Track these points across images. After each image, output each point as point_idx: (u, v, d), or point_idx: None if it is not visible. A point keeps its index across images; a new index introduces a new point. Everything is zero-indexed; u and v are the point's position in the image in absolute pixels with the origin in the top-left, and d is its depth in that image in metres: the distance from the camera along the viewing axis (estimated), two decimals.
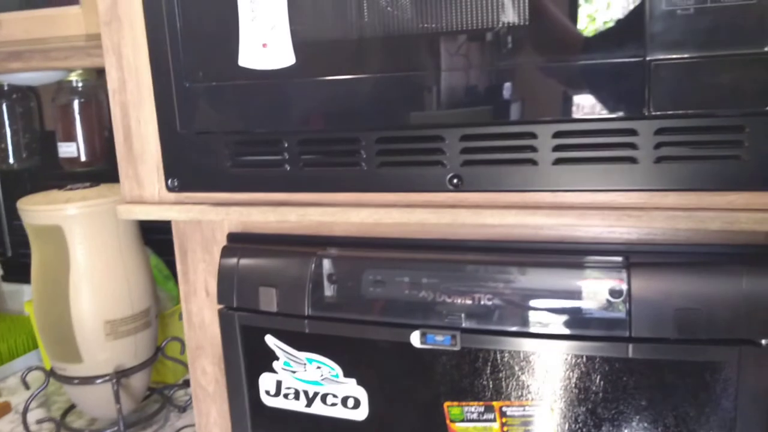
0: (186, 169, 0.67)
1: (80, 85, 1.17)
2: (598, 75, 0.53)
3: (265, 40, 0.59)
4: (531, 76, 0.55)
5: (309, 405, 0.70)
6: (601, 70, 0.52)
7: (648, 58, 0.51)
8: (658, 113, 0.52)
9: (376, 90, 0.59)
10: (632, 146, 0.53)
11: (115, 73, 0.68)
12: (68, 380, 1.05)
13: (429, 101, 0.58)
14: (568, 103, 0.54)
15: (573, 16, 0.52)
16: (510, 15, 0.53)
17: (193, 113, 0.65)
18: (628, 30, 0.51)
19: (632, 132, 0.53)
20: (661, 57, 0.51)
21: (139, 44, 0.66)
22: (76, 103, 1.17)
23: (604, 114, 0.53)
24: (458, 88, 0.57)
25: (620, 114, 0.53)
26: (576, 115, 0.54)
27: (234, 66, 0.61)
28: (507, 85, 0.55)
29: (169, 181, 0.68)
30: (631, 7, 0.51)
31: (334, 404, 0.68)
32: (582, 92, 0.54)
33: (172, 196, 0.69)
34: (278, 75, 0.61)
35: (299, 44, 0.60)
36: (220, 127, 0.65)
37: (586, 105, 0.54)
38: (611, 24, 0.51)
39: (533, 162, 0.56)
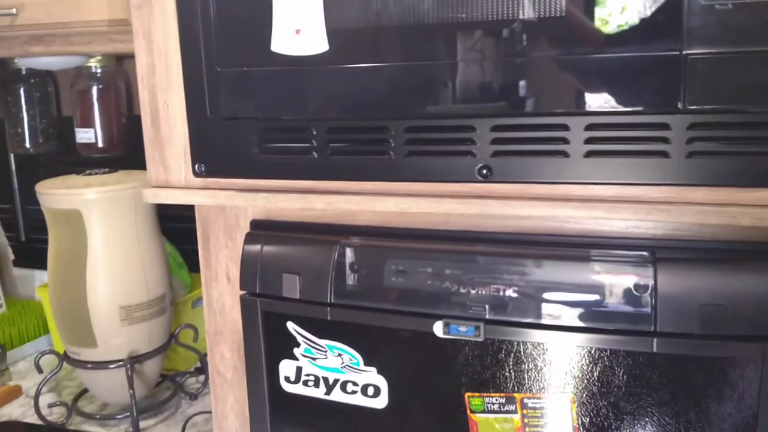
0: (213, 155, 0.68)
1: (99, 71, 1.18)
2: (634, 68, 0.53)
3: (298, 26, 0.60)
4: (565, 67, 0.55)
5: (328, 392, 0.70)
6: (636, 63, 0.53)
7: (685, 52, 0.51)
8: (693, 108, 0.52)
9: (407, 79, 0.59)
10: (664, 140, 0.53)
11: (145, 57, 0.68)
12: (82, 364, 1.05)
13: (461, 91, 0.58)
14: (601, 96, 0.54)
15: (612, 10, 0.52)
16: (547, 6, 0.53)
17: (223, 98, 0.65)
18: (666, 24, 0.51)
19: (665, 126, 0.53)
20: (698, 51, 0.51)
21: (169, 28, 0.66)
22: (94, 90, 1.17)
23: (638, 107, 0.54)
24: (491, 79, 0.57)
25: (654, 108, 0.53)
26: (609, 107, 0.54)
27: (266, 52, 0.62)
28: (541, 76, 0.56)
29: (196, 166, 0.68)
30: (669, 1, 0.51)
31: (353, 392, 0.69)
32: (616, 85, 0.54)
33: (199, 181, 0.69)
34: (310, 62, 0.61)
35: (332, 31, 0.60)
36: (250, 113, 0.65)
37: (619, 98, 0.54)
38: (648, 17, 0.52)
39: (564, 154, 0.56)
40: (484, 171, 0.59)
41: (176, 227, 1.19)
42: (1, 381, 1.23)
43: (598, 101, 0.54)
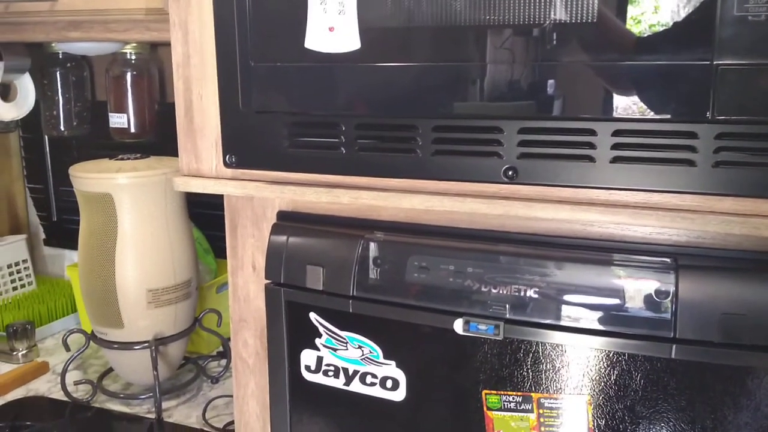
0: (244, 147, 0.69)
1: (134, 58, 1.20)
2: (663, 76, 0.53)
3: (332, 24, 0.60)
4: (595, 73, 0.55)
5: (348, 383, 0.71)
6: (666, 71, 0.53)
7: (715, 62, 0.51)
8: (721, 118, 0.52)
9: (436, 78, 0.60)
10: (691, 149, 0.54)
11: (180, 48, 0.70)
12: (108, 344, 1.08)
13: (489, 92, 0.59)
14: (629, 102, 0.55)
15: (642, 17, 0.52)
16: (579, 11, 0.54)
17: (256, 92, 0.66)
18: (697, 33, 0.51)
19: (692, 135, 0.53)
20: (729, 62, 0.51)
21: (205, 21, 0.68)
22: (128, 76, 1.20)
23: (666, 115, 0.54)
24: (520, 81, 0.57)
25: (682, 116, 0.53)
26: (637, 114, 0.55)
27: (300, 48, 0.63)
28: (570, 80, 0.56)
29: (227, 157, 0.70)
30: (702, 11, 0.51)
31: (372, 384, 0.70)
32: (645, 92, 0.54)
33: (229, 171, 0.71)
34: (341, 59, 0.62)
35: (364, 30, 0.61)
36: (281, 107, 0.66)
37: (648, 105, 0.54)
38: (680, 26, 0.52)
39: (591, 159, 0.56)
40: (510, 172, 0.59)
41: (204, 213, 1.21)
42: (29, 357, 1.27)
43: (627, 108, 0.55)
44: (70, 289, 1.44)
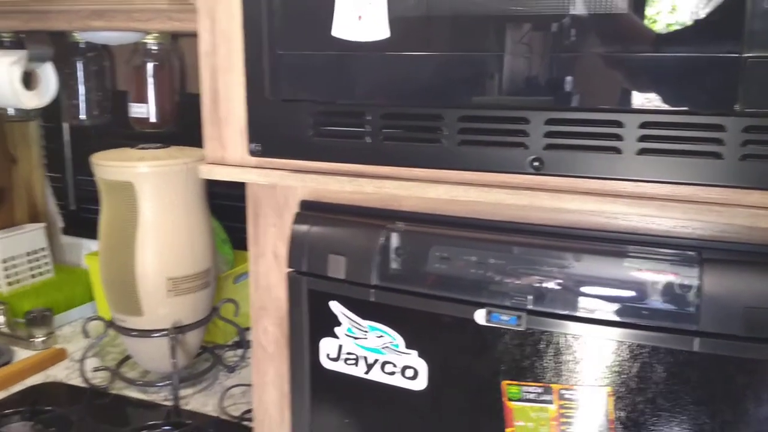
0: (269, 135, 0.70)
1: (155, 48, 1.20)
2: (691, 68, 0.53)
3: (360, 13, 0.61)
4: (623, 64, 0.55)
5: (368, 371, 0.72)
6: (695, 63, 0.53)
7: (745, 55, 0.51)
8: (750, 111, 0.52)
9: (463, 68, 0.60)
10: (718, 142, 0.54)
11: (208, 36, 0.70)
12: (127, 332, 1.09)
13: (516, 83, 0.59)
14: (657, 94, 0.55)
15: (672, 9, 0.53)
16: (608, 3, 0.54)
17: (282, 81, 0.67)
18: (727, 26, 0.51)
19: (720, 128, 0.53)
20: (758, 54, 0.51)
21: (233, 10, 0.68)
22: (150, 66, 1.20)
23: (694, 108, 0.54)
24: (547, 72, 0.58)
25: (710, 109, 0.53)
26: (664, 106, 0.55)
27: (327, 36, 0.63)
28: (597, 72, 0.56)
29: (252, 146, 0.70)
30: (732, 3, 0.51)
31: (392, 373, 0.70)
32: (673, 84, 0.54)
33: (254, 160, 0.71)
34: (369, 48, 0.62)
35: (393, 18, 0.61)
36: (307, 96, 0.67)
37: (675, 97, 0.54)
38: (709, 19, 0.52)
39: (617, 150, 0.57)
40: (536, 163, 0.60)
41: (222, 204, 1.22)
42: (48, 344, 1.28)
43: (654, 100, 0.55)
44: (88, 277, 1.45)
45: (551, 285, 0.62)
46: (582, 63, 0.57)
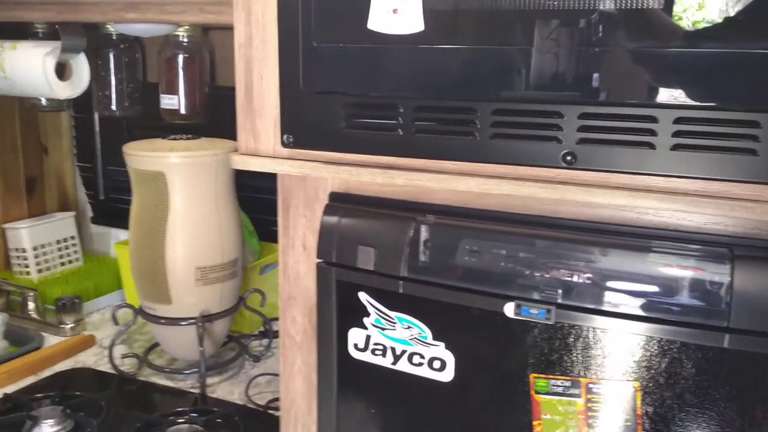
0: (302, 127, 0.70)
1: (186, 40, 1.22)
2: (727, 64, 0.53)
3: (396, 6, 0.61)
4: (659, 59, 0.55)
5: (395, 362, 0.72)
6: (731, 59, 0.53)
7: None
8: None
9: (497, 62, 0.61)
10: (753, 138, 0.54)
11: (243, 28, 0.71)
12: (155, 319, 1.11)
13: (550, 77, 0.59)
14: (692, 90, 0.55)
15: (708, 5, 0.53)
16: None
17: (317, 73, 0.68)
18: (764, 21, 0.51)
19: (756, 124, 0.53)
20: None
21: (268, 2, 0.69)
22: (180, 58, 1.22)
23: (729, 104, 0.54)
24: (582, 66, 0.58)
25: (745, 105, 0.53)
26: (699, 102, 0.55)
27: (362, 29, 0.64)
28: (633, 66, 0.56)
29: (285, 137, 0.71)
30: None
31: (420, 364, 0.71)
32: (708, 80, 0.54)
33: (286, 151, 0.72)
34: (403, 41, 0.63)
35: (427, 11, 0.61)
36: (341, 88, 0.67)
37: (710, 93, 0.54)
38: (746, 14, 0.52)
39: (651, 146, 0.57)
40: (569, 157, 0.60)
41: (249, 196, 1.23)
42: (77, 330, 1.31)
43: (689, 95, 0.55)
44: (116, 266, 1.47)
45: (581, 279, 0.62)
46: (616, 58, 0.57)
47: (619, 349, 0.62)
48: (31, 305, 1.35)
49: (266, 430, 0.97)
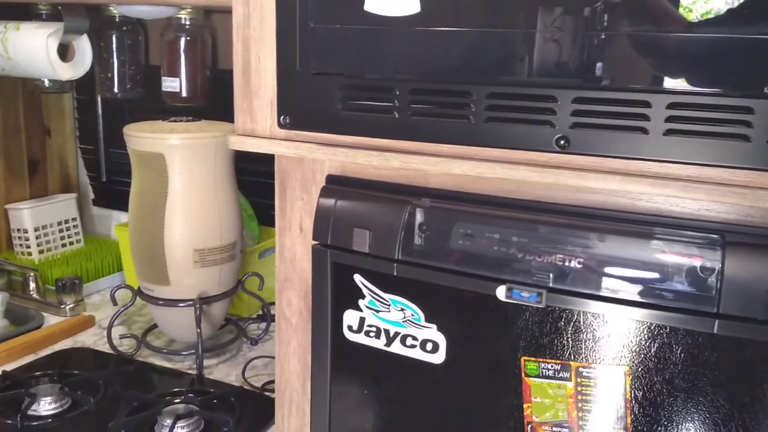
0: (299, 108, 0.71)
1: (188, 23, 1.22)
2: (722, 50, 0.53)
3: None
4: (653, 44, 0.55)
5: (388, 344, 0.73)
6: (725, 45, 0.53)
7: None
8: None
9: (492, 45, 0.61)
10: (747, 124, 0.54)
11: (241, 8, 0.71)
12: (154, 300, 1.12)
13: (545, 61, 0.59)
14: (686, 75, 0.55)
15: None
16: None
17: (313, 54, 0.68)
18: (758, 7, 0.51)
19: (749, 110, 0.53)
20: None
21: None
22: (182, 41, 1.22)
23: (722, 89, 0.54)
24: (576, 50, 0.58)
25: (739, 91, 0.53)
26: (693, 88, 0.55)
27: (359, 10, 0.64)
28: (627, 51, 0.56)
29: (282, 118, 0.72)
30: None
31: (412, 346, 0.72)
32: (702, 66, 0.54)
33: (282, 132, 0.73)
34: (400, 22, 0.63)
35: None
36: (337, 69, 0.68)
37: (704, 79, 0.54)
38: (743, 1, 0.52)
39: (644, 130, 0.57)
40: (562, 141, 0.60)
41: (250, 180, 1.24)
42: (77, 310, 1.32)
43: (683, 80, 0.55)
44: (117, 248, 1.48)
45: (572, 264, 0.63)
46: (611, 42, 0.57)
47: (609, 334, 0.62)
48: (31, 285, 1.36)
49: (262, 412, 0.98)
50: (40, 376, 1.07)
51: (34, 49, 1.15)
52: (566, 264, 0.63)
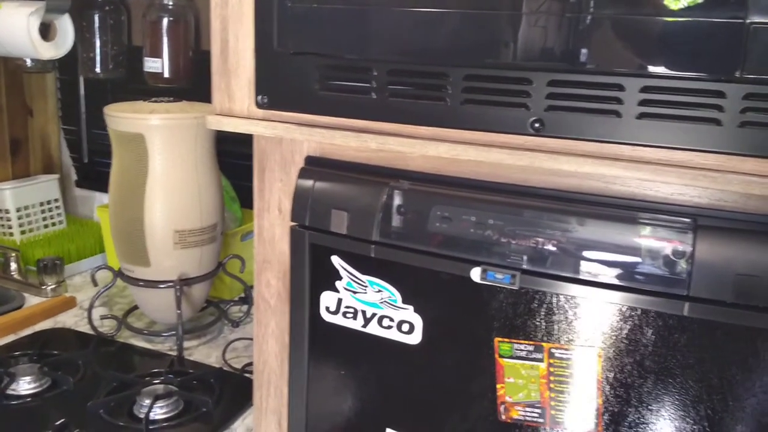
0: (276, 88, 0.70)
1: (171, 4, 1.21)
2: (695, 33, 0.53)
3: None
4: (626, 28, 0.56)
5: (365, 325, 0.73)
6: (698, 28, 0.53)
7: (748, 21, 0.51)
8: (751, 77, 0.52)
9: (470, 27, 0.61)
10: (718, 108, 0.54)
11: None
12: (134, 282, 1.11)
13: (521, 43, 0.59)
14: (659, 59, 0.55)
15: None
16: None
17: (291, 33, 0.68)
18: None
19: (721, 94, 0.54)
20: (762, 21, 0.51)
21: None
22: (165, 21, 1.21)
23: (695, 73, 0.54)
24: (552, 34, 0.58)
25: (711, 74, 0.54)
26: (665, 71, 0.55)
27: None
28: (601, 35, 0.57)
29: (259, 98, 0.71)
30: None
31: (389, 327, 0.72)
32: (675, 49, 0.54)
33: (260, 112, 0.72)
34: (378, 2, 0.63)
35: None
36: (315, 49, 0.67)
37: (677, 62, 0.55)
38: None
39: (617, 114, 0.57)
40: (537, 124, 0.60)
41: (233, 163, 1.23)
42: (58, 291, 1.31)
43: (656, 64, 0.55)
44: (99, 230, 1.48)
45: (546, 246, 0.63)
46: (587, 25, 0.57)
47: (581, 316, 0.63)
48: (13, 265, 1.36)
49: (241, 393, 0.98)
50: (19, 355, 1.06)
51: (16, 27, 1.15)
52: (540, 247, 0.63)
